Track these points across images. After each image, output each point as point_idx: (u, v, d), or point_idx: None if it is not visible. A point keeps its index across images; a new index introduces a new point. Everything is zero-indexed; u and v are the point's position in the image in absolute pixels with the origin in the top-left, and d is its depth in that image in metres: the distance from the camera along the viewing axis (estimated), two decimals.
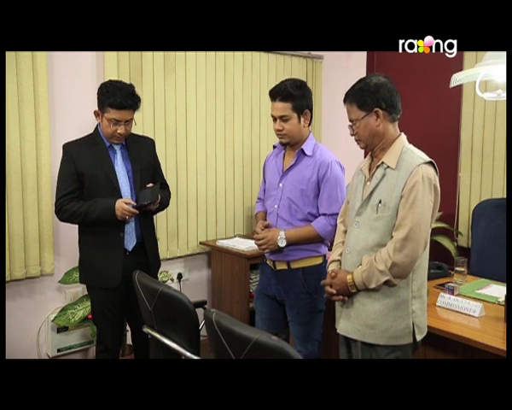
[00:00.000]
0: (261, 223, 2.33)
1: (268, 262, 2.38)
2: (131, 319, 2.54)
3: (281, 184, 2.31)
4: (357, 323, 1.78)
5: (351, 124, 1.81)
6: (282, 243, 2.22)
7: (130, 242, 2.36)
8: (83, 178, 2.29)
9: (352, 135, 1.83)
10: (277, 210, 2.30)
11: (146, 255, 2.42)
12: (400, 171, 1.71)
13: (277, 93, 2.23)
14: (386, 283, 1.71)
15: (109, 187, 2.30)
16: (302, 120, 2.24)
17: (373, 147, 1.81)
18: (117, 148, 2.36)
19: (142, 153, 2.42)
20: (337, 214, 2.17)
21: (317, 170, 2.23)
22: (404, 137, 1.81)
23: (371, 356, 1.76)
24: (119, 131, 2.26)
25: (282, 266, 2.31)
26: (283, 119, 2.22)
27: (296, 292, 2.28)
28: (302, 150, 2.27)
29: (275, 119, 2.25)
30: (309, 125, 2.31)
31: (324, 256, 2.33)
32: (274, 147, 2.45)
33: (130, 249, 2.36)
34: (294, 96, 2.21)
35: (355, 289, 1.76)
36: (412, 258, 1.68)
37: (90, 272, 2.39)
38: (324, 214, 2.24)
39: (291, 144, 2.30)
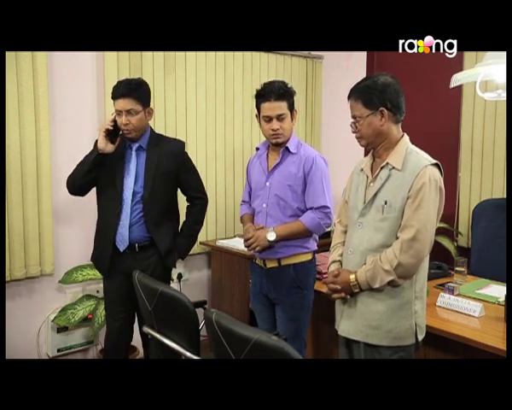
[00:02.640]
0: (253, 226, 2.35)
1: (258, 262, 2.40)
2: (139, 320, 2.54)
3: (268, 183, 2.33)
4: (360, 324, 1.77)
5: (354, 121, 1.79)
6: (272, 237, 2.23)
7: (122, 242, 2.35)
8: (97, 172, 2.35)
9: (353, 132, 1.82)
10: (266, 209, 2.32)
11: (147, 258, 2.40)
12: (406, 172, 1.71)
13: (272, 92, 2.23)
14: (390, 283, 1.70)
15: (112, 186, 2.33)
16: (293, 119, 2.29)
17: (374, 146, 1.81)
18: (134, 148, 2.37)
19: (164, 157, 2.38)
20: (323, 207, 2.23)
21: (303, 165, 2.26)
22: (407, 137, 1.80)
23: (374, 357, 1.75)
24: (122, 122, 2.26)
25: (272, 264, 2.32)
26: (280, 118, 2.24)
27: (288, 288, 2.30)
28: (287, 148, 2.30)
29: (269, 119, 2.24)
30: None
31: (313, 252, 2.37)
32: (257, 149, 2.47)
33: (121, 250, 2.36)
34: (289, 94, 2.25)
35: (358, 289, 1.76)
36: (418, 259, 1.68)
37: (95, 254, 2.47)
38: (311, 208, 2.27)
39: (283, 143, 2.31)
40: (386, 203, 1.72)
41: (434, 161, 1.73)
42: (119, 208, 2.32)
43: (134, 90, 2.28)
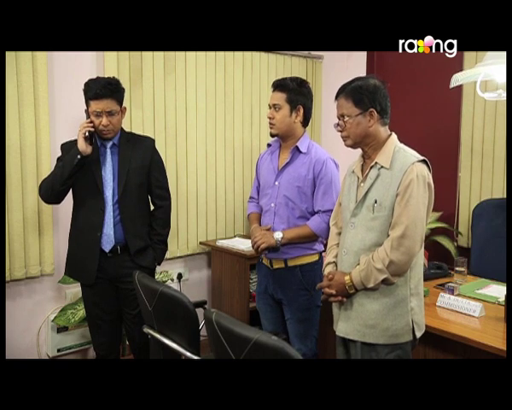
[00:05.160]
0: (260, 227, 2.35)
1: (264, 262, 2.39)
2: (124, 324, 2.52)
3: (277, 183, 2.33)
4: (356, 324, 1.78)
5: (342, 119, 1.79)
6: (279, 235, 2.23)
7: (107, 242, 2.32)
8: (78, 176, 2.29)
9: (339, 131, 1.82)
10: (274, 208, 2.32)
11: (131, 260, 2.36)
12: (394, 170, 1.72)
13: (276, 84, 2.33)
14: (385, 281, 1.71)
15: (93, 186, 2.29)
16: (294, 114, 2.29)
17: (360, 146, 1.82)
18: (108, 146, 2.34)
19: (136, 153, 2.37)
20: (331, 211, 2.21)
21: (313, 167, 2.27)
22: (394, 136, 1.82)
23: (371, 356, 1.76)
24: (103, 123, 2.23)
25: (279, 265, 2.33)
26: (276, 107, 2.29)
27: (294, 289, 2.30)
28: (297, 147, 2.31)
29: (270, 108, 2.33)
30: (305, 126, 2.36)
31: (320, 253, 2.36)
32: (268, 145, 2.49)
33: (107, 250, 2.32)
34: (290, 87, 2.28)
35: (353, 290, 1.76)
36: (409, 255, 1.69)
37: (72, 265, 2.41)
38: (319, 211, 2.27)
39: (281, 138, 2.34)
40: (376, 202, 1.73)
41: (422, 158, 1.74)
42: (103, 207, 2.29)
43: (115, 91, 2.26)
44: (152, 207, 2.52)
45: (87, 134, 2.22)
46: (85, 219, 2.33)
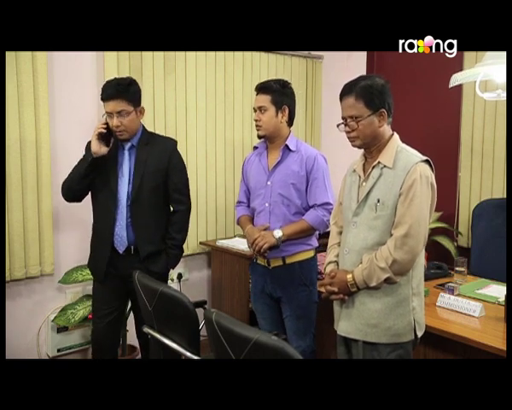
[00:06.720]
0: (257, 228, 2.34)
1: (260, 261, 2.40)
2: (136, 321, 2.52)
3: (269, 182, 2.35)
4: (358, 323, 1.78)
5: (350, 120, 1.76)
6: (278, 233, 2.25)
7: (121, 243, 2.32)
8: (94, 175, 2.32)
9: (347, 131, 1.79)
10: (269, 207, 2.34)
11: (140, 261, 2.35)
12: (397, 170, 1.72)
13: (260, 87, 2.38)
14: (387, 280, 1.71)
15: (108, 186, 2.30)
16: (280, 115, 2.33)
17: (369, 146, 1.80)
18: (126, 147, 2.34)
19: (153, 155, 2.33)
20: (326, 204, 2.29)
21: (305, 164, 2.32)
22: (396, 136, 1.82)
23: (372, 355, 1.76)
24: (113, 124, 2.23)
25: (277, 263, 2.34)
26: (261, 110, 2.33)
27: (294, 286, 2.33)
28: (287, 146, 2.34)
29: (255, 111, 2.37)
30: (290, 125, 2.40)
31: (315, 249, 2.41)
32: (255, 147, 2.51)
33: (121, 251, 2.33)
34: (274, 89, 2.33)
35: (355, 288, 1.76)
36: (412, 254, 1.69)
37: (91, 259, 2.45)
38: (314, 205, 2.31)
39: (268, 138, 2.38)
40: (378, 201, 1.73)
41: (425, 158, 1.74)
42: (115, 210, 2.30)
43: (124, 91, 2.24)
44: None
45: (99, 135, 2.24)
46: (100, 218, 2.37)
